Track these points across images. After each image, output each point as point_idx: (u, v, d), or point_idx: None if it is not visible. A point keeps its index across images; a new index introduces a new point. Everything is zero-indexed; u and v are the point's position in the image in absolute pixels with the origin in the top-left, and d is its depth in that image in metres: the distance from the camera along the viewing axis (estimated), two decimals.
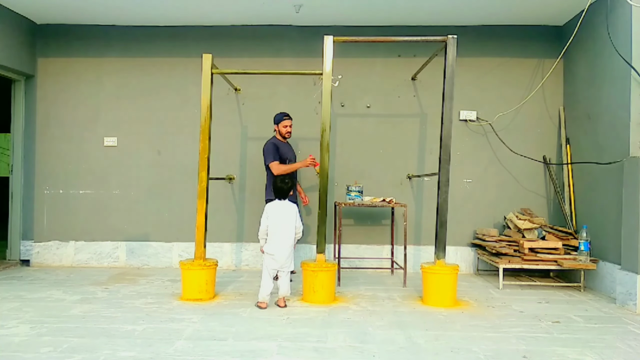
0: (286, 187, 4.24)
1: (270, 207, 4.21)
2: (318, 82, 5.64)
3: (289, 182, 4.28)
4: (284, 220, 4.15)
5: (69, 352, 3.00)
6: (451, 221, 4.74)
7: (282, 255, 4.11)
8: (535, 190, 5.82)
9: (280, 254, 4.11)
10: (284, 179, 4.28)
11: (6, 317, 3.71)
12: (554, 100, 5.81)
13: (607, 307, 4.27)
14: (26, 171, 5.99)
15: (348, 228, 5.75)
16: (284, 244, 4.13)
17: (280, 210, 4.18)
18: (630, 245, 4.27)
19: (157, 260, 5.91)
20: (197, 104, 5.47)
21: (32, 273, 5.47)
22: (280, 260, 4.11)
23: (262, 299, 4.10)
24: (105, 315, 3.79)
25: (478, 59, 5.83)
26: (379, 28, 5.87)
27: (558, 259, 4.88)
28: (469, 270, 5.80)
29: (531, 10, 5.40)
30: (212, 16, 5.66)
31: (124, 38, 5.97)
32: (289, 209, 4.21)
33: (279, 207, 4.20)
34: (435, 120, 5.16)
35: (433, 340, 3.32)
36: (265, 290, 4.10)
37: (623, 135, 4.50)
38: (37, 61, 6.00)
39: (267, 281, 4.11)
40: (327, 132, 4.37)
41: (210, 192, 4.69)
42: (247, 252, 5.89)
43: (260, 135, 5.89)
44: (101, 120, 5.98)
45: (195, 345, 3.14)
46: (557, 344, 3.29)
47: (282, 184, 4.23)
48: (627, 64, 4.40)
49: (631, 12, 4.38)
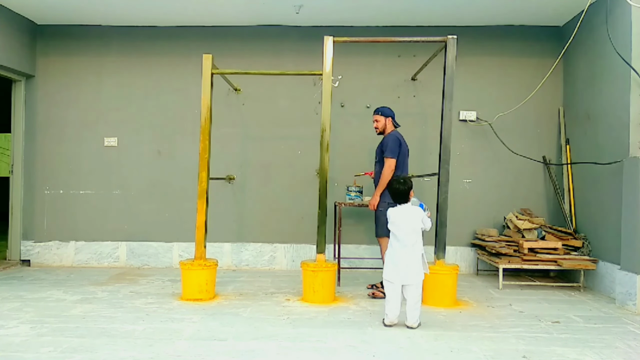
0: (404, 187, 3.73)
1: (393, 213, 3.73)
2: (318, 82, 5.65)
3: (408, 182, 3.76)
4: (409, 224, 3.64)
5: (69, 352, 3.01)
6: (451, 221, 4.74)
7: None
8: (535, 191, 5.82)
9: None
10: (400, 179, 3.78)
11: (6, 317, 3.71)
12: (553, 101, 5.82)
13: (606, 307, 4.27)
14: (26, 171, 6.00)
15: (348, 228, 5.75)
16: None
17: (404, 215, 3.68)
18: (629, 245, 4.27)
19: (157, 260, 5.92)
20: (197, 104, 5.47)
21: (33, 273, 5.47)
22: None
23: None
24: (106, 315, 3.79)
25: (478, 59, 5.84)
26: (379, 28, 5.88)
27: (558, 259, 4.88)
28: (468, 270, 5.80)
29: (531, 11, 5.40)
30: (212, 16, 5.66)
31: (124, 38, 5.98)
32: (413, 213, 3.70)
33: (402, 212, 3.70)
34: (435, 121, 5.17)
35: (433, 340, 3.33)
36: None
37: (623, 136, 4.50)
38: (37, 61, 6.01)
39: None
40: (327, 132, 4.37)
41: (211, 192, 4.69)
42: (247, 252, 5.90)
43: (260, 135, 5.90)
44: (101, 120, 5.98)
45: (196, 345, 3.15)
46: (557, 344, 3.29)
47: (398, 185, 3.74)
48: (627, 64, 4.40)
49: (631, 12, 4.39)
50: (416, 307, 3.58)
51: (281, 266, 5.87)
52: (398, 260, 3.61)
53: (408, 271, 3.58)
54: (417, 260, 3.61)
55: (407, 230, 3.64)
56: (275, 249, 5.88)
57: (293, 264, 5.84)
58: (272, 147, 5.91)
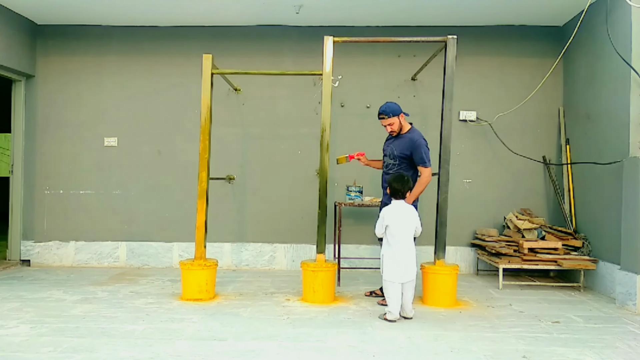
0: (404, 188, 3.92)
1: (390, 212, 3.89)
2: (318, 82, 5.64)
3: (409, 182, 3.97)
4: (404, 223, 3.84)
5: (69, 352, 3.01)
6: (451, 221, 4.74)
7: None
8: (535, 191, 5.82)
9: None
10: (403, 178, 3.95)
11: (7, 317, 3.71)
12: (553, 101, 5.81)
13: (606, 307, 4.27)
14: (26, 171, 6.00)
15: (348, 228, 5.75)
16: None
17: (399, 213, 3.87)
18: (629, 245, 4.27)
19: (157, 260, 5.92)
20: (197, 104, 5.46)
21: (33, 273, 5.47)
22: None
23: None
24: (106, 315, 3.79)
25: (478, 59, 5.84)
26: (379, 28, 5.88)
27: (558, 259, 4.88)
28: (468, 270, 5.80)
29: (531, 11, 5.40)
30: (213, 16, 5.66)
31: (124, 38, 5.98)
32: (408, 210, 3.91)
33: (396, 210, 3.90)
34: (435, 121, 5.16)
35: (433, 340, 3.33)
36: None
37: (623, 136, 4.50)
38: (37, 61, 6.01)
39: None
40: (327, 132, 4.37)
41: (211, 192, 4.69)
42: (247, 252, 5.90)
43: (260, 135, 5.90)
44: (101, 120, 5.98)
45: (196, 345, 3.15)
46: (557, 344, 3.29)
47: (397, 185, 3.92)
48: (627, 64, 4.40)
49: (631, 12, 4.39)
50: (412, 299, 3.86)
51: (281, 266, 5.87)
52: (399, 259, 3.79)
53: (407, 269, 3.80)
54: (414, 257, 3.85)
55: (405, 228, 3.85)
56: (275, 249, 5.88)
57: (293, 264, 5.84)
58: (272, 147, 5.91)
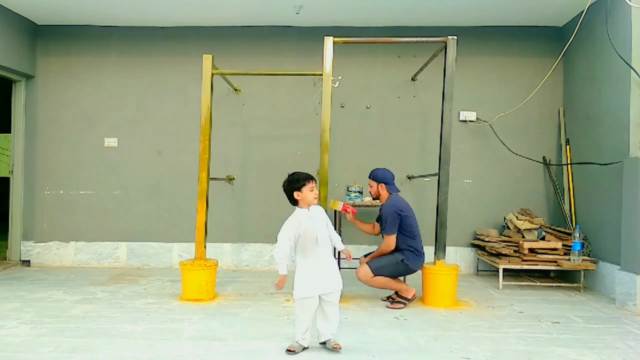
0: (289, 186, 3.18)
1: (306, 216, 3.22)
2: (318, 82, 5.64)
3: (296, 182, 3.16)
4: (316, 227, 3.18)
5: (69, 352, 3.01)
6: (451, 221, 4.74)
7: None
8: (535, 191, 5.82)
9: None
10: (294, 178, 3.19)
11: (7, 317, 3.72)
12: (553, 101, 5.82)
13: (606, 308, 4.27)
14: (27, 172, 6.00)
15: (348, 228, 5.74)
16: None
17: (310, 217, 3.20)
18: (629, 245, 4.27)
19: (157, 261, 5.92)
20: (197, 105, 5.46)
21: (33, 273, 5.47)
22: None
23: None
24: (106, 316, 3.79)
25: (478, 60, 5.84)
26: (379, 29, 5.88)
27: (558, 260, 4.88)
28: (468, 270, 5.80)
29: (531, 11, 5.40)
30: (212, 17, 5.66)
31: (124, 38, 5.98)
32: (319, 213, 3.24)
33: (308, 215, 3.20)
34: (435, 121, 5.16)
35: (433, 340, 3.33)
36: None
37: (623, 136, 4.50)
38: (37, 62, 6.01)
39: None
40: (327, 133, 4.37)
41: (211, 193, 4.69)
42: (247, 253, 5.89)
43: (260, 135, 5.90)
44: (101, 120, 5.98)
45: (196, 346, 3.15)
46: (557, 344, 3.29)
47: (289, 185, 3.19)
48: (627, 64, 4.40)
49: (631, 13, 4.39)
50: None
51: None
52: (324, 268, 3.22)
53: (332, 277, 3.17)
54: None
55: (324, 230, 3.23)
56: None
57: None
58: (272, 147, 5.91)
